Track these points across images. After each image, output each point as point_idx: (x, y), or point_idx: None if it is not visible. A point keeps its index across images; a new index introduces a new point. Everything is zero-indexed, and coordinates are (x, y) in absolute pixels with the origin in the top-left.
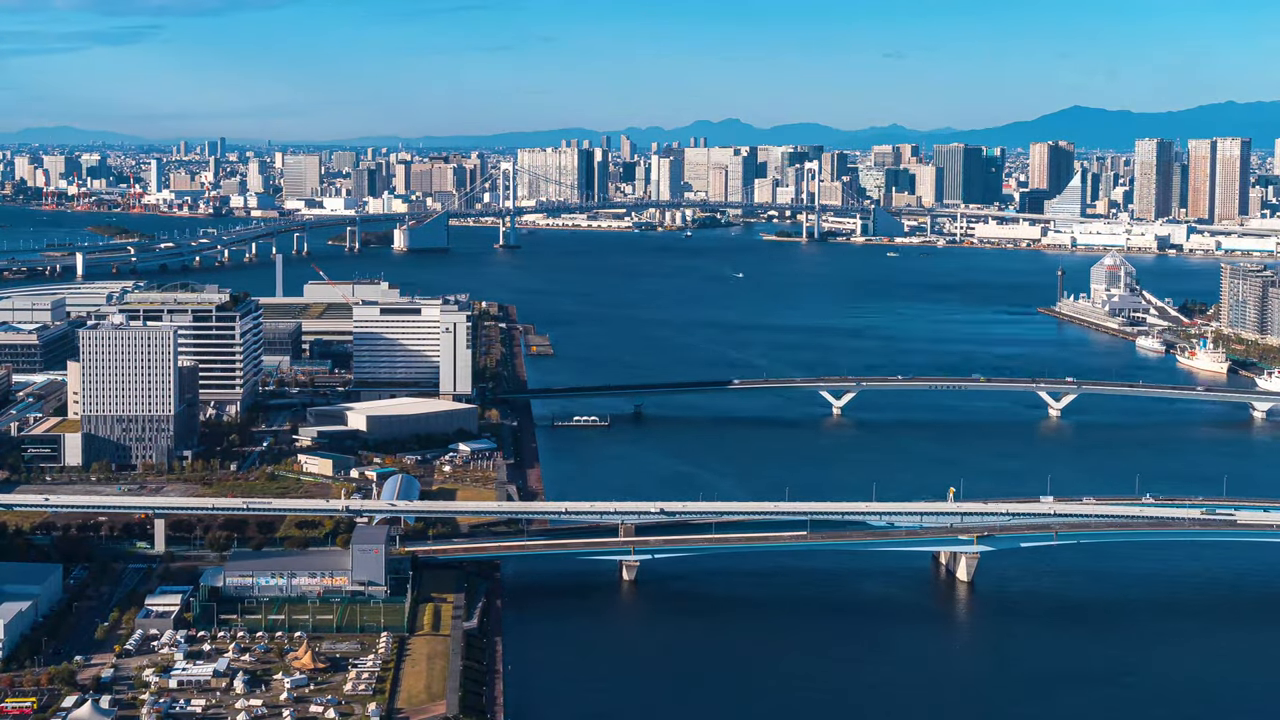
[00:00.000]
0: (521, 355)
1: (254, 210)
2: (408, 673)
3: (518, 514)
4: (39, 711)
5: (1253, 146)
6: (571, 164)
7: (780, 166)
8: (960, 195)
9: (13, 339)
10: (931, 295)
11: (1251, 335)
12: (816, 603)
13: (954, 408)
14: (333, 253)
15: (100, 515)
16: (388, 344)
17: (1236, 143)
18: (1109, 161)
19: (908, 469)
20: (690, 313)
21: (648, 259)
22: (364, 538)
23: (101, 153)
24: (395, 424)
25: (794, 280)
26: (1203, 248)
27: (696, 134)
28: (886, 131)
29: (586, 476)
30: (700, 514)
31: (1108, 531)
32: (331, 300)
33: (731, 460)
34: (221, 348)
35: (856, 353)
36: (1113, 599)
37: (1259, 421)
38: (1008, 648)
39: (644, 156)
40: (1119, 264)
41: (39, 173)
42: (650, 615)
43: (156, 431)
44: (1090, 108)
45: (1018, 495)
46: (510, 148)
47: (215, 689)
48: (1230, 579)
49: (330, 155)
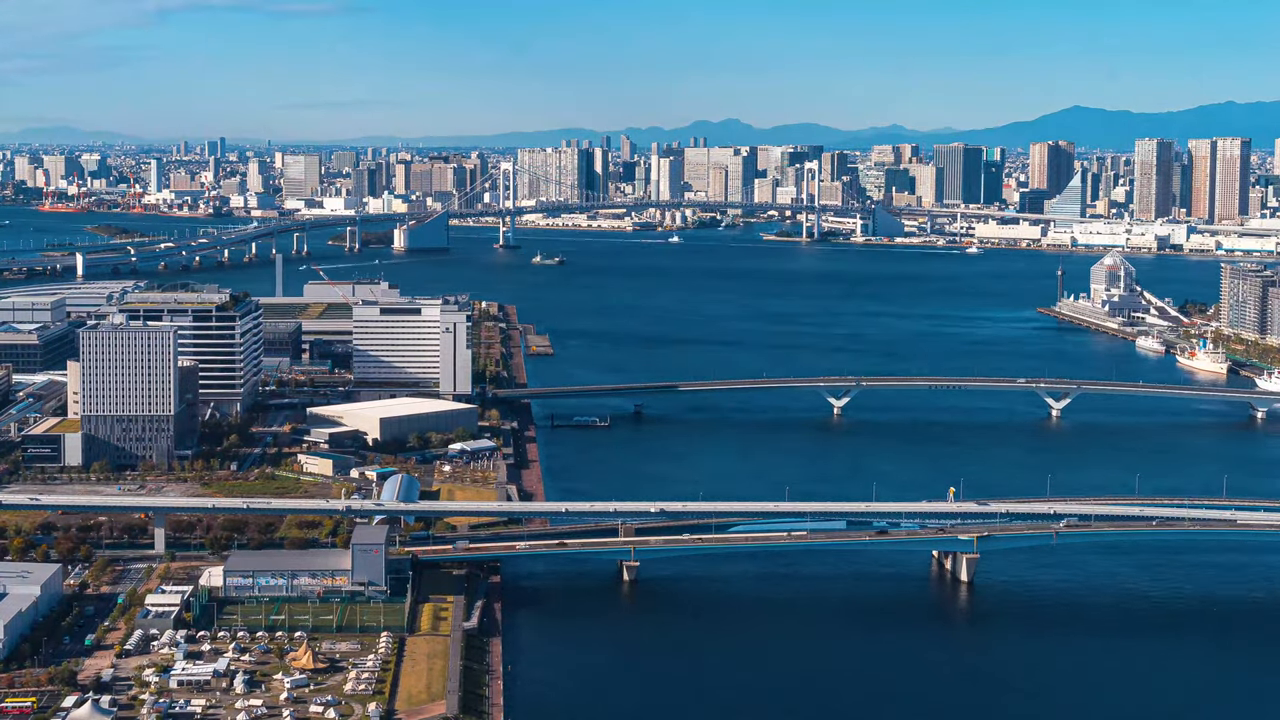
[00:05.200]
0: (521, 355)
1: (254, 210)
2: (407, 673)
3: (518, 514)
4: (39, 711)
5: (1253, 146)
6: (571, 164)
7: (780, 167)
8: (960, 195)
9: (13, 339)
10: (931, 295)
11: (1251, 335)
12: (816, 603)
13: (954, 408)
14: (333, 253)
15: (100, 515)
16: (388, 344)
17: (1236, 143)
18: (1109, 161)
19: (908, 469)
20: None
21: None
22: (364, 538)
23: (101, 153)
24: (403, 424)
25: (794, 280)
26: (1203, 248)
27: (696, 134)
28: (886, 131)
29: (586, 477)
30: (700, 514)
31: (1108, 531)
32: (331, 300)
33: (731, 460)
34: (221, 348)
35: (857, 353)
36: (1113, 599)
37: (1259, 421)
38: (1007, 648)
39: (644, 156)
40: (1119, 264)
41: (39, 173)
42: (650, 615)
43: (156, 431)
44: (1090, 108)
45: (1018, 495)
46: (510, 148)
47: (215, 689)
48: (1231, 579)
49: (330, 155)
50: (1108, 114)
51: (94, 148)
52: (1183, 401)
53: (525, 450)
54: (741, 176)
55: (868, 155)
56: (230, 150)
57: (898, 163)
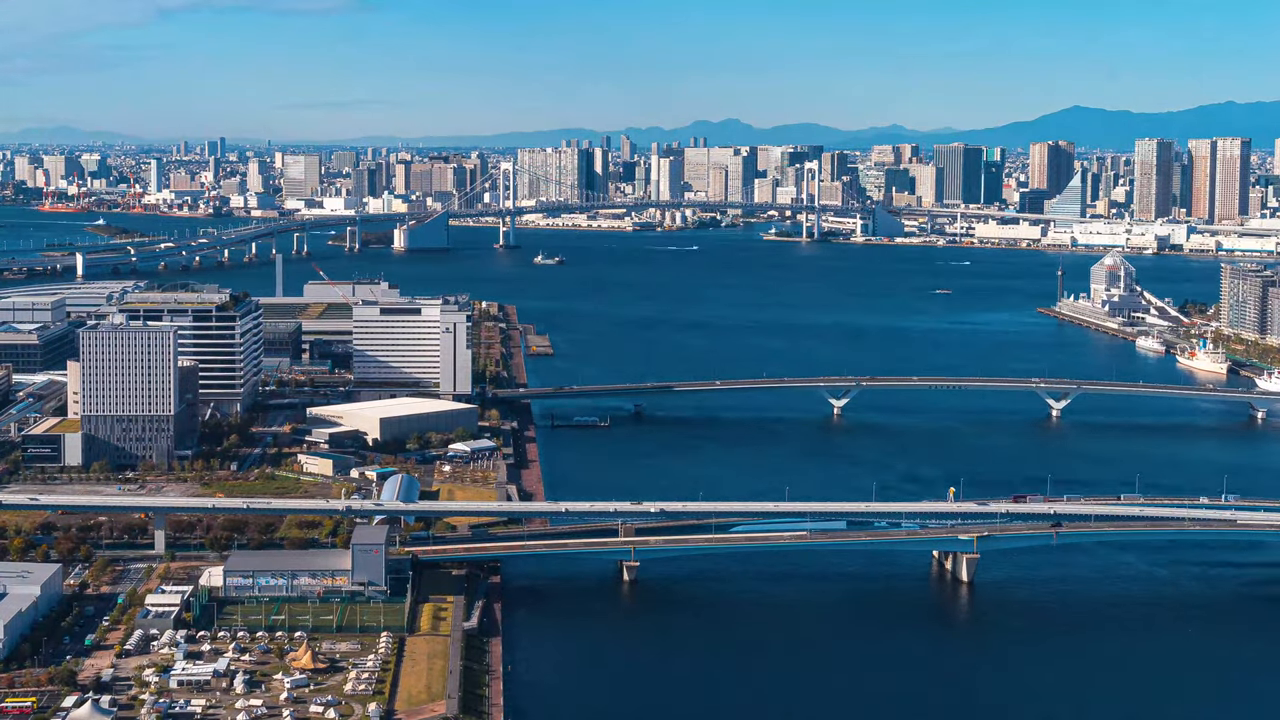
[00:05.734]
0: (521, 355)
1: (254, 210)
2: (407, 673)
3: (517, 514)
4: (39, 711)
5: (1253, 146)
6: (571, 164)
7: (780, 167)
8: (960, 195)
9: (13, 339)
10: (932, 295)
11: (1251, 335)
12: (816, 603)
13: (954, 408)
14: (333, 253)
15: (100, 515)
16: (388, 344)
17: (1236, 143)
18: (1109, 161)
19: (908, 469)
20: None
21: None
22: (364, 538)
23: (101, 153)
24: (403, 424)
25: (794, 279)
26: (1203, 248)
27: (696, 134)
28: (886, 131)
29: (586, 477)
30: (700, 514)
31: (1108, 532)
32: (331, 300)
33: (731, 460)
34: (221, 348)
35: (856, 352)
36: (1113, 599)
37: (1259, 421)
38: (1007, 648)
39: (644, 156)
40: (1119, 264)
41: (39, 173)
42: (650, 615)
43: (156, 431)
44: (1090, 108)
45: (1018, 495)
46: (510, 148)
47: (215, 689)
48: (1231, 579)
49: (330, 155)
50: (1108, 114)
51: (94, 148)
52: (1183, 401)
53: (525, 450)
54: (741, 176)
55: (868, 155)
56: (230, 150)
57: (898, 163)
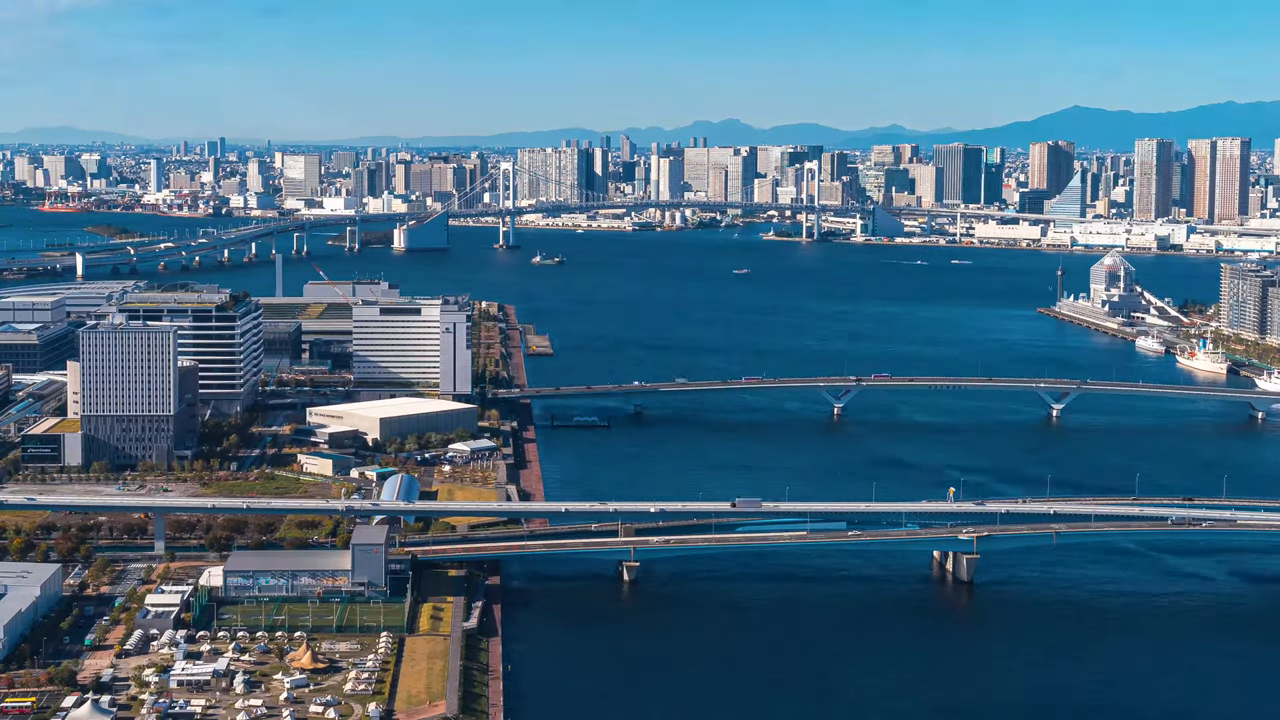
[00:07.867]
0: (521, 355)
1: (254, 210)
2: (407, 673)
3: (517, 514)
4: (38, 711)
5: (1253, 146)
6: (571, 164)
7: (780, 167)
8: (960, 195)
9: (13, 339)
10: (932, 295)
11: (1251, 335)
12: (816, 603)
13: (954, 408)
14: (332, 253)
15: (100, 515)
16: (388, 344)
17: (1236, 143)
18: (1109, 161)
19: (908, 469)
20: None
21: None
22: (364, 538)
23: (101, 153)
24: (403, 424)
25: (794, 279)
26: (1202, 248)
27: (696, 134)
28: (886, 131)
29: (586, 477)
30: (700, 514)
31: (1108, 531)
32: (331, 300)
33: (731, 460)
34: (221, 348)
35: (857, 353)
36: (1113, 599)
37: (1259, 422)
38: (1007, 648)
39: (644, 156)
40: (1119, 264)
41: (39, 173)
42: (650, 615)
43: (156, 431)
44: (1090, 108)
45: (1017, 495)
46: (510, 148)
47: (214, 689)
48: (1231, 579)
49: (330, 155)
50: (1108, 114)
51: (94, 148)
52: (1183, 401)
53: (525, 450)
54: (741, 176)
55: (868, 155)
56: (230, 150)
57: (897, 163)
